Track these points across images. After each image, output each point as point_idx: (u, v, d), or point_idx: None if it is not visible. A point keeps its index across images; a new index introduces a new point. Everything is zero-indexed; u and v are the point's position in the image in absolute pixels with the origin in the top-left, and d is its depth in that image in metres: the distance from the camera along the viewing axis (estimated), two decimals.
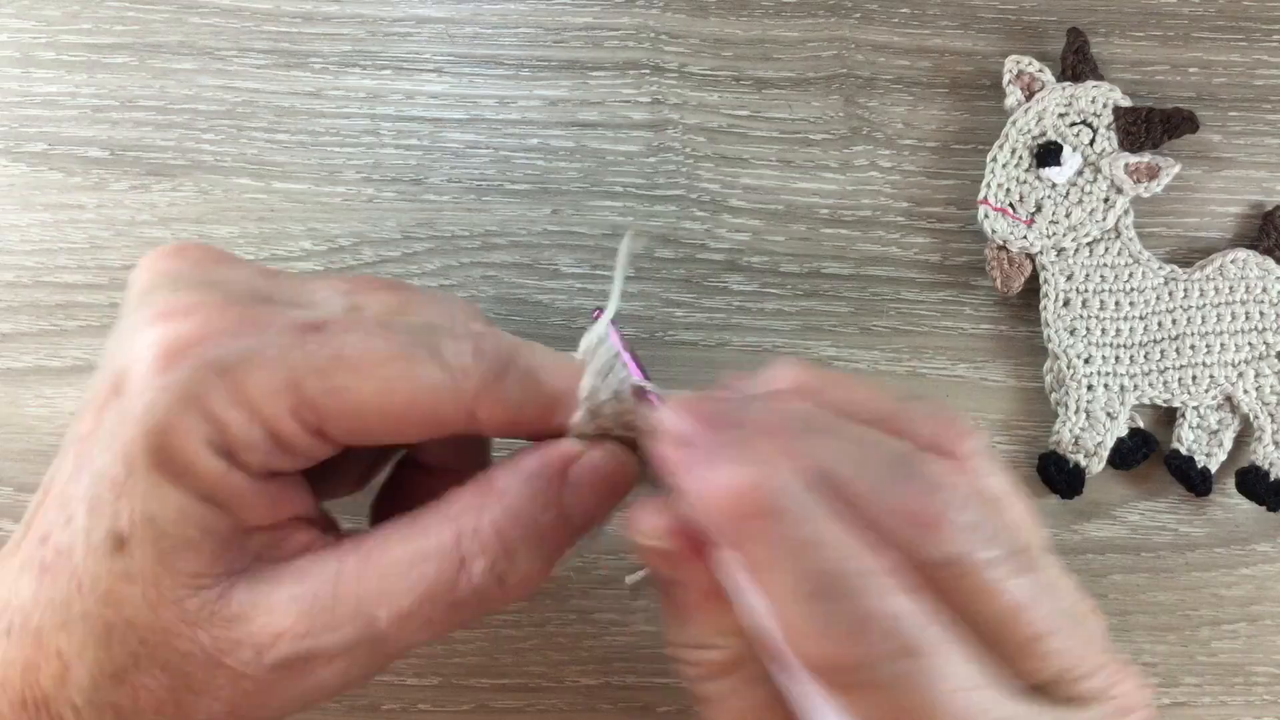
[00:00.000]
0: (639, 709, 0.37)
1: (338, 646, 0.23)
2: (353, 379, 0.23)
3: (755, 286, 0.38)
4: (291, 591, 0.23)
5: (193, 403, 0.22)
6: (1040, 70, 0.38)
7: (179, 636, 0.22)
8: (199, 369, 0.22)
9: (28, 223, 0.38)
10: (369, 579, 0.23)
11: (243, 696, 0.23)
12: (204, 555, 0.23)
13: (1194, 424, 0.37)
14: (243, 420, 0.22)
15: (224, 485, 0.23)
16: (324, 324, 0.24)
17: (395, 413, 0.23)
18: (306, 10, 0.39)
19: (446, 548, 0.23)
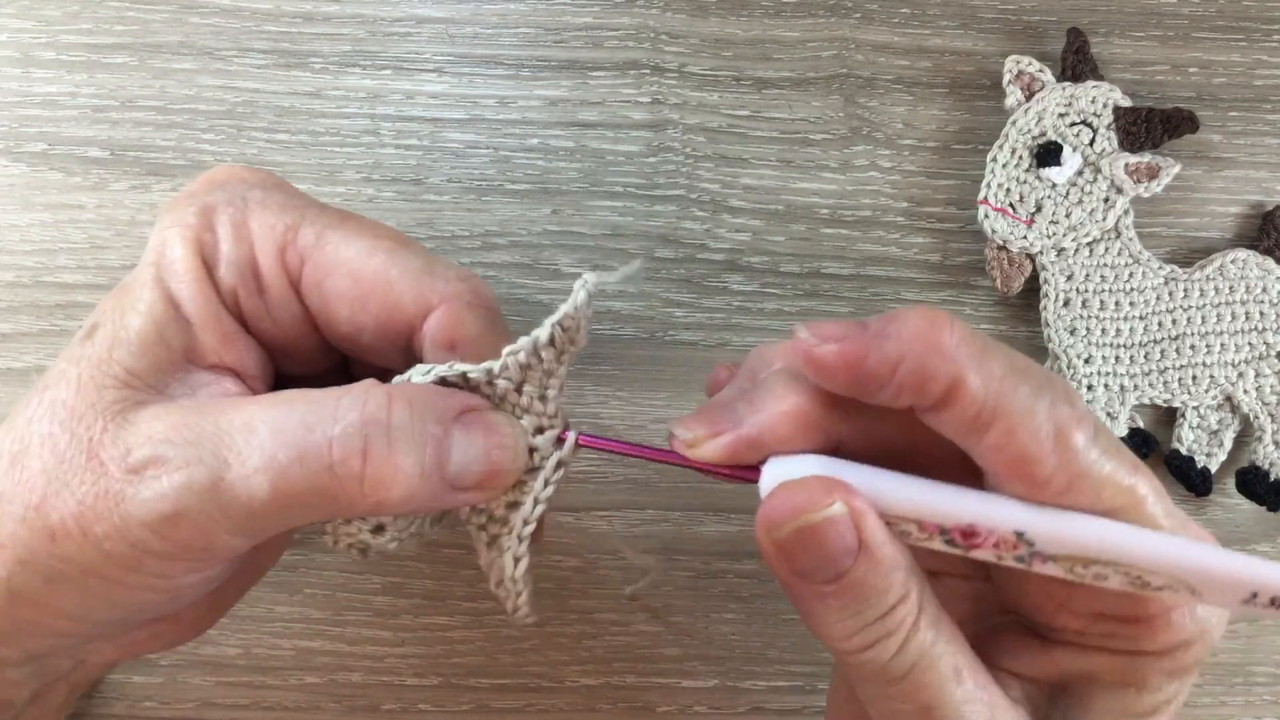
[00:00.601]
0: (639, 709, 0.37)
1: (183, 458, 0.22)
2: (342, 238, 0.25)
3: (755, 286, 0.38)
4: (181, 410, 0.23)
5: (202, 213, 0.25)
6: (1040, 70, 0.38)
7: (81, 420, 0.23)
8: (221, 193, 0.25)
9: (28, 223, 0.38)
10: (244, 412, 0.23)
11: (94, 498, 0.23)
12: (145, 358, 0.24)
13: (1194, 424, 0.37)
14: (232, 237, 0.25)
15: (192, 290, 0.24)
16: (350, 213, 0.26)
17: (366, 277, 0.25)
18: (306, 10, 0.39)
19: (324, 405, 0.23)
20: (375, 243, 0.26)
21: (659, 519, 0.37)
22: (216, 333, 0.25)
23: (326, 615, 0.36)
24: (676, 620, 0.37)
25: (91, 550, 0.23)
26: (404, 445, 0.23)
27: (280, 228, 0.25)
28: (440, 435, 0.23)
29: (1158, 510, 0.22)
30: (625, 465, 0.37)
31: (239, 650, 0.36)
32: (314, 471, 0.22)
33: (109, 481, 0.22)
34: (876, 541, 0.22)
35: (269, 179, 0.27)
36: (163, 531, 0.22)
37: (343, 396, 0.23)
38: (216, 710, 0.36)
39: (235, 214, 0.25)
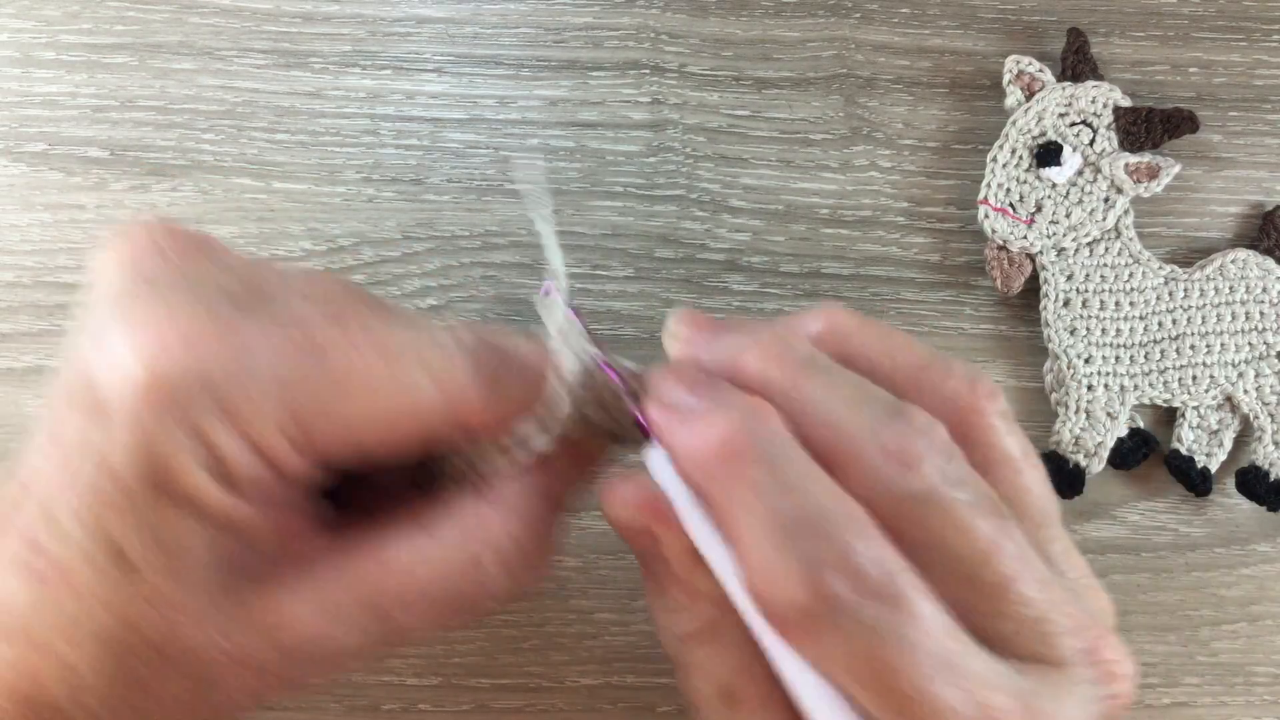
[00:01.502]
0: (639, 709, 0.37)
1: (356, 643, 0.23)
2: (341, 397, 0.22)
3: (755, 286, 0.38)
4: (311, 598, 0.23)
5: (187, 428, 0.21)
6: (1040, 70, 0.38)
7: (200, 646, 0.22)
8: (190, 392, 0.21)
9: (28, 223, 0.38)
10: (388, 582, 0.23)
11: (265, 688, 0.23)
12: (215, 573, 0.22)
13: (1194, 424, 0.37)
14: (238, 448, 0.22)
15: (226, 512, 0.22)
16: (310, 340, 0.23)
17: (386, 421, 0.23)
18: (306, 10, 0.39)
19: (459, 552, 0.24)
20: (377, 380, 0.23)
21: None
22: (267, 531, 0.24)
23: None
24: None
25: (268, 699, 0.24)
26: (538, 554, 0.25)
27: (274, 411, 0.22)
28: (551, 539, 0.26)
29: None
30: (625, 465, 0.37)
31: None
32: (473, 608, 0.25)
33: (276, 677, 0.24)
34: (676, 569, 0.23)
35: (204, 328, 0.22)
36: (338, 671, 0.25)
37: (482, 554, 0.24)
38: None
39: (225, 420, 0.22)
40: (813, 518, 0.20)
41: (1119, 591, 0.37)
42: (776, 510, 0.20)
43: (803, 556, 0.19)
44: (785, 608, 0.20)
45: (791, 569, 0.19)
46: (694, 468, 0.21)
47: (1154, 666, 0.37)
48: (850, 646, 0.19)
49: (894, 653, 0.19)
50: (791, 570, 0.19)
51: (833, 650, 0.19)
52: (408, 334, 0.24)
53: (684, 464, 0.22)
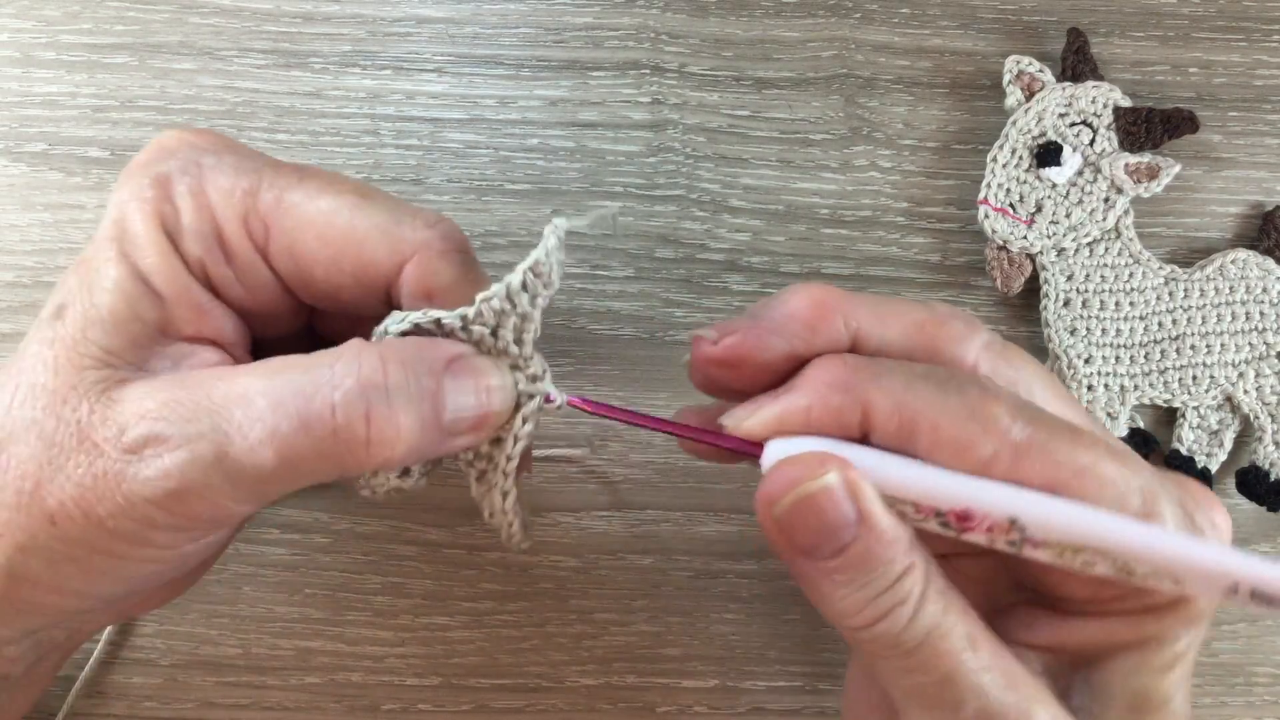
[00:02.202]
0: (639, 709, 0.37)
1: (184, 434, 0.22)
2: (304, 198, 0.25)
3: (755, 286, 0.38)
4: (171, 383, 0.23)
5: (158, 184, 0.24)
6: (1040, 70, 0.38)
7: (65, 403, 0.23)
8: (173, 161, 0.25)
9: (28, 223, 0.38)
10: (238, 384, 0.23)
11: (93, 479, 0.23)
12: (122, 335, 0.24)
13: (1194, 424, 0.37)
14: (194, 207, 0.24)
15: (160, 265, 0.24)
16: (305, 167, 0.26)
17: (335, 239, 0.25)
18: (306, 10, 0.39)
19: (319, 372, 0.23)
20: (338, 199, 0.25)
21: (659, 519, 0.37)
22: (189, 305, 0.25)
23: (326, 615, 0.36)
24: (676, 620, 0.37)
25: (95, 530, 0.23)
26: (403, 404, 0.23)
27: (239, 193, 0.25)
28: (434, 388, 0.24)
29: (1115, 469, 0.23)
30: (625, 466, 0.37)
31: (239, 650, 0.36)
32: (319, 438, 0.22)
33: (106, 462, 0.23)
34: (875, 512, 0.22)
35: (219, 141, 0.26)
36: (170, 506, 0.23)
37: (336, 362, 0.23)
38: (216, 710, 0.36)
39: (192, 182, 0.25)
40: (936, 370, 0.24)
41: None
42: (908, 370, 0.24)
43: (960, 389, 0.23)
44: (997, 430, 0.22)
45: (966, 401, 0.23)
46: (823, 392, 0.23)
47: None
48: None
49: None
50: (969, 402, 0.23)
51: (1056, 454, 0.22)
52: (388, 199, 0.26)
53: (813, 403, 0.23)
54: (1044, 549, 0.22)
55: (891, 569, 0.23)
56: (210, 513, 0.23)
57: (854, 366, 0.23)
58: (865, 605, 0.23)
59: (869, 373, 0.23)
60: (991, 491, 0.22)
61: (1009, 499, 0.22)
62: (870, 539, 0.22)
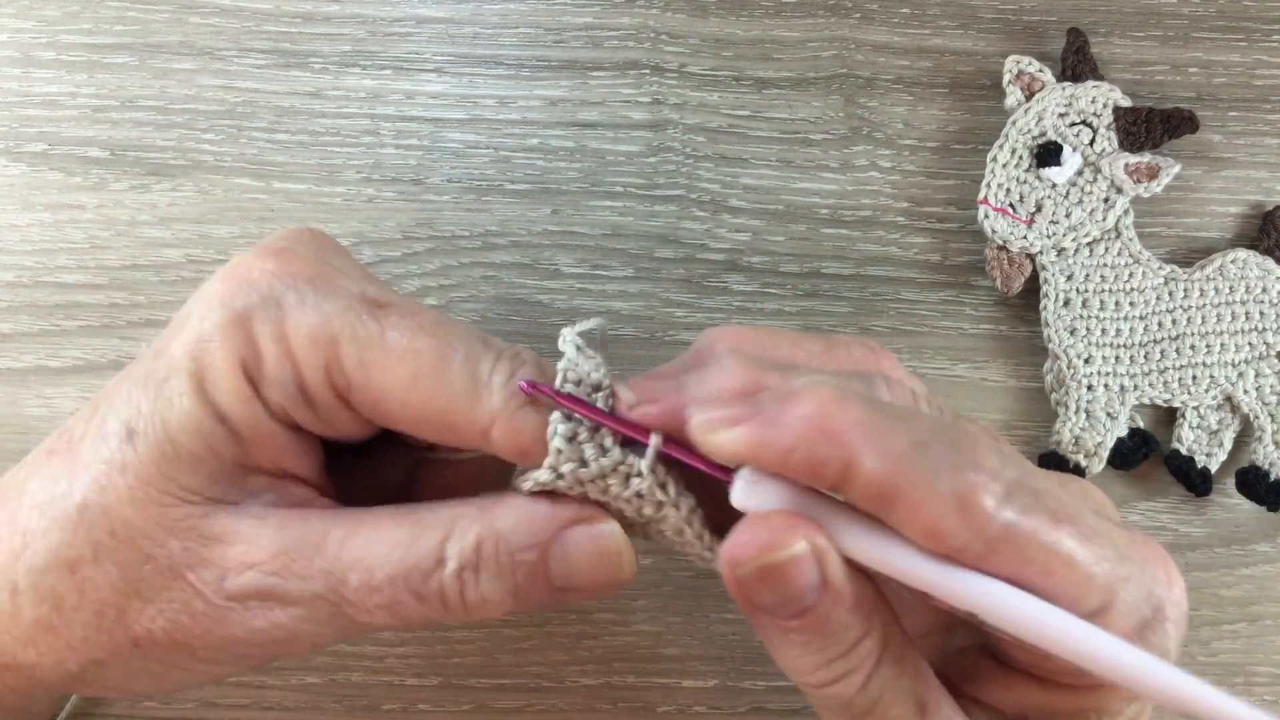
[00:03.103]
0: (639, 709, 0.37)
1: (301, 594, 0.23)
2: (386, 360, 0.24)
3: (755, 286, 0.38)
4: (275, 532, 0.24)
5: (239, 323, 0.23)
6: (1040, 70, 0.38)
7: (149, 539, 0.23)
8: (255, 296, 0.24)
9: (28, 223, 0.38)
10: (352, 543, 0.24)
11: (190, 618, 0.23)
12: (202, 472, 0.23)
13: (1194, 424, 0.37)
14: (276, 354, 0.23)
15: (241, 410, 0.23)
16: (387, 304, 0.24)
17: (415, 405, 0.24)
18: (306, 10, 0.39)
19: (433, 540, 0.24)
20: (417, 367, 0.24)
21: None
22: (270, 445, 0.24)
23: None
24: (676, 620, 0.37)
25: (183, 654, 0.24)
26: (490, 582, 0.24)
27: (322, 343, 0.24)
28: (533, 560, 0.24)
29: (1085, 559, 0.21)
30: None
31: None
32: (430, 608, 0.24)
33: (205, 605, 0.23)
34: (839, 581, 0.22)
35: (298, 268, 0.25)
36: (275, 651, 0.24)
37: (446, 537, 0.24)
38: (216, 710, 0.36)
39: (274, 328, 0.24)
40: (941, 432, 0.21)
41: None
42: (909, 433, 0.21)
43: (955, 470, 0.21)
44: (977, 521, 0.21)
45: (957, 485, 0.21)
46: (811, 439, 0.21)
47: None
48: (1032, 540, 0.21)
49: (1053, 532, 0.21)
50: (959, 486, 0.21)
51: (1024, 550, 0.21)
52: (467, 339, 0.25)
53: (796, 444, 0.21)
54: (1001, 633, 0.22)
55: (848, 635, 0.23)
56: (313, 649, 0.25)
57: (847, 410, 0.21)
58: (819, 667, 0.23)
59: (863, 427, 0.21)
60: (953, 582, 0.22)
61: (968, 593, 0.22)
62: (830, 606, 0.22)
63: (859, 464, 0.21)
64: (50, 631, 0.24)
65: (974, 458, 0.21)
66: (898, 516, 0.21)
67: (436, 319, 0.25)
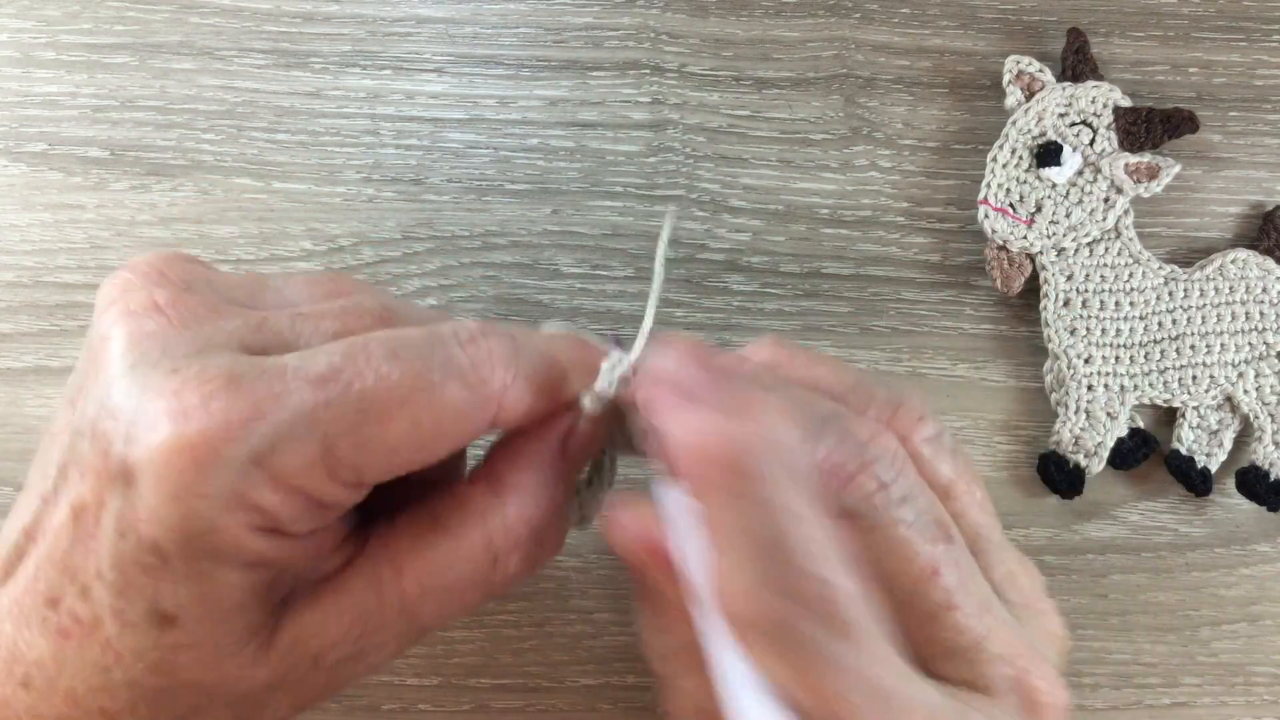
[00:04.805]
0: (639, 709, 0.37)
1: (387, 643, 0.24)
2: (380, 426, 0.22)
3: (755, 286, 0.38)
4: (338, 609, 0.24)
5: (235, 501, 0.21)
6: (1040, 70, 0.38)
7: (238, 680, 0.23)
8: (221, 455, 0.21)
9: (28, 223, 0.38)
10: (410, 585, 0.24)
11: (303, 699, 0.24)
12: (253, 610, 0.23)
13: (1194, 424, 0.37)
14: (283, 501, 0.22)
15: (271, 555, 0.22)
16: (335, 372, 0.22)
17: (426, 441, 0.23)
18: (306, 10, 0.39)
19: (478, 549, 0.24)
20: (412, 399, 0.22)
21: None
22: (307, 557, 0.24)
23: None
24: None
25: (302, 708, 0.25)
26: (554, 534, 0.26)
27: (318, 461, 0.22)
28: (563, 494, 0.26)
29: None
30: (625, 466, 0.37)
31: None
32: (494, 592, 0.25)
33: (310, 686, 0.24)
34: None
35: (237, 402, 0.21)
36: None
37: (490, 535, 0.25)
38: None
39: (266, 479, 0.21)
40: (779, 539, 0.20)
41: (1119, 591, 0.37)
42: (749, 527, 0.20)
43: (762, 574, 0.19)
44: (740, 617, 0.20)
45: (750, 583, 0.19)
46: (684, 456, 0.20)
47: (1154, 666, 0.37)
48: (792, 662, 0.19)
49: (830, 676, 0.19)
50: (750, 585, 0.19)
51: (775, 663, 0.20)
52: (429, 344, 0.23)
53: (674, 446, 0.20)
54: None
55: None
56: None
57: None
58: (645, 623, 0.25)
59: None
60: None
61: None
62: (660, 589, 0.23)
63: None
64: None
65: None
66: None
67: (384, 346, 0.23)
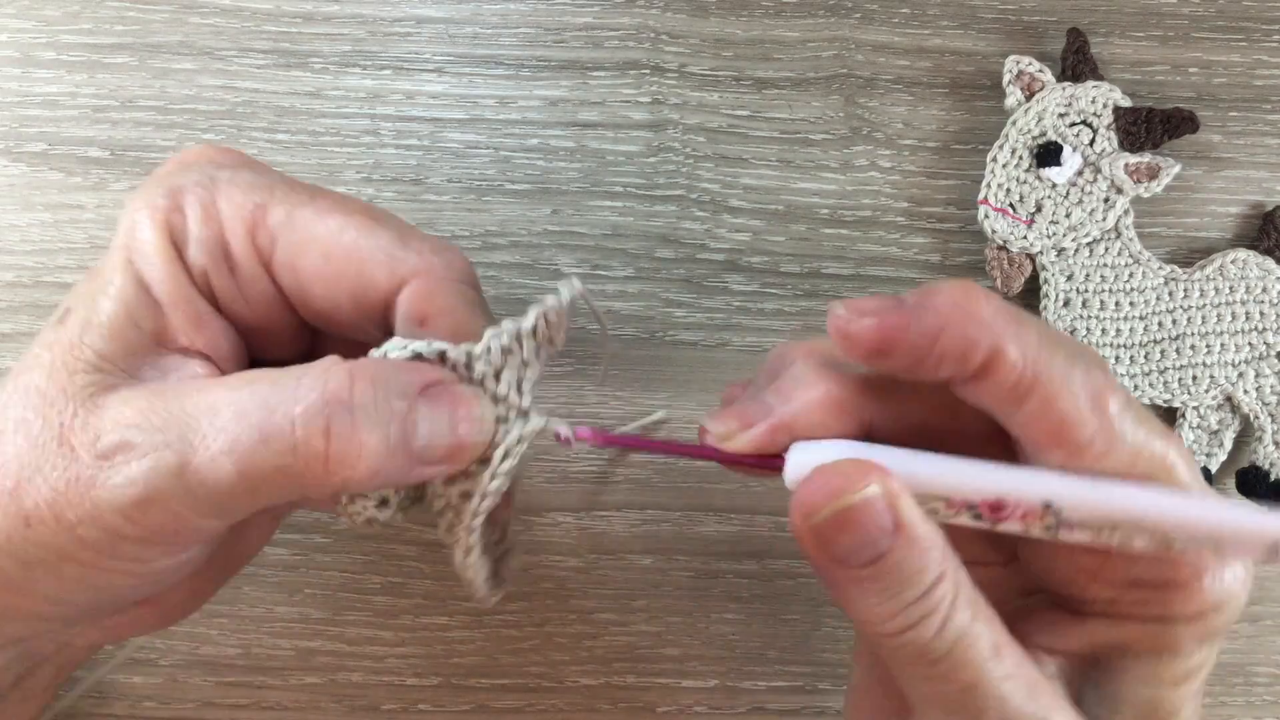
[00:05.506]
0: (639, 709, 0.37)
1: (150, 443, 0.22)
2: (313, 217, 0.25)
3: (755, 286, 0.38)
4: (148, 395, 0.23)
5: (170, 194, 0.25)
6: (1040, 70, 0.38)
7: (53, 406, 0.23)
8: (191, 173, 0.25)
9: (28, 223, 0.38)
10: (209, 395, 0.23)
11: (65, 484, 0.22)
12: (116, 341, 0.24)
13: (1194, 424, 0.37)
14: (201, 218, 0.24)
15: (162, 272, 0.24)
16: (321, 188, 0.26)
17: (338, 256, 0.25)
18: (306, 10, 0.39)
19: (286, 385, 0.22)
20: (346, 219, 0.25)
21: (659, 519, 0.37)
22: (187, 314, 0.25)
23: (326, 615, 0.36)
24: (676, 620, 0.37)
25: (65, 536, 0.22)
26: (367, 422, 0.22)
27: (249, 206, 0.25)
28: (405, 410, 0.23)
29: (1186, 476, 0.23)
30: (625, 465, 0.37)
31: (239, 650, 0.36)
32: (278, 452, 0.22)
33: (80, 467, 0.22)
34: (913, 521, 0.22)
35: (238, 158, 0.26)
36: (133, 516, 0.22)
37: (304, 375, 0.22)
38: (216, 710, 0.36)
39: (204, 194, 0.25)
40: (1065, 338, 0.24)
41: None
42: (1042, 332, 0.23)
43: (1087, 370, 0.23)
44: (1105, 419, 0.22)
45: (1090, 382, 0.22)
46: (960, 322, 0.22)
47: None
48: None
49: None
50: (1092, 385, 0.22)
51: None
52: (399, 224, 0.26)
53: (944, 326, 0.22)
54: (1080, 530, 0.22)
55: (924, 578, 0.22)
56: (173, 525, 0.23)
57: (990, 301, 0.23)
58: (896, 614, 0.23)
59: (1005, 319, 0.22)
60: (1024, 478, 0.22)
61: (1042, 484, 0.22)
62: (906, 549, 0.22)
63: (1004, 351, 0.22)
64: None
65: (1100, 364, 0.23)
66: (1029, 409, 0.22)
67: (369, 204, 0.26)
